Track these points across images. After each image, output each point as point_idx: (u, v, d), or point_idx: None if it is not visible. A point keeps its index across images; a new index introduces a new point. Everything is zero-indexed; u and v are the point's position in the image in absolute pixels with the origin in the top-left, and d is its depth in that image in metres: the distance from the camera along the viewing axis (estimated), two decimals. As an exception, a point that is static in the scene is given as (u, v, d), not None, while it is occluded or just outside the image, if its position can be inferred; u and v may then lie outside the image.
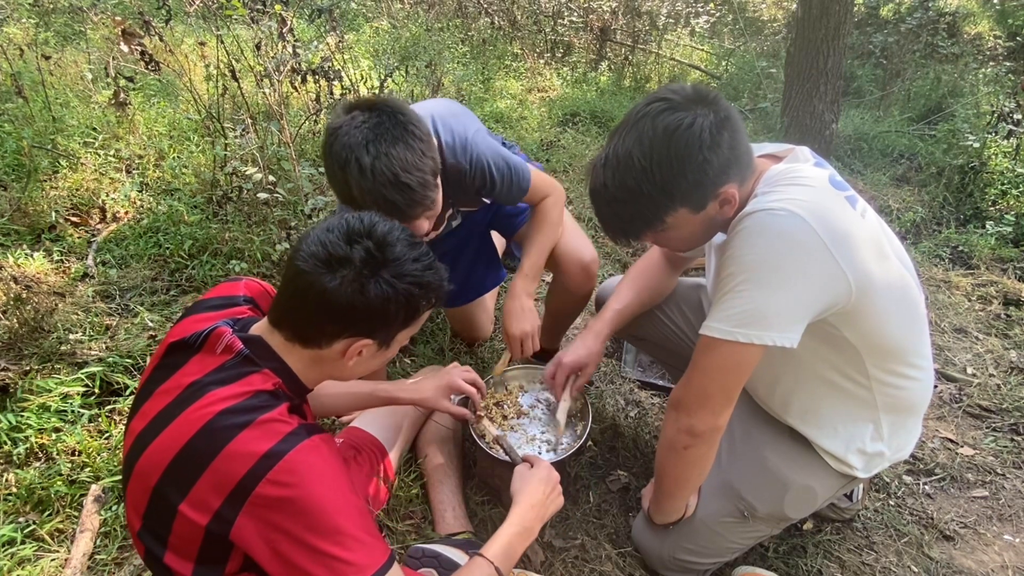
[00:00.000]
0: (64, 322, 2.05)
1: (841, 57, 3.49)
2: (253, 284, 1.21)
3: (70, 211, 2.61)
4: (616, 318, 1.63)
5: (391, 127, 1.32)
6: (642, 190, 1.13)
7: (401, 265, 0.99)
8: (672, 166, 1.10)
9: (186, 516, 0.93)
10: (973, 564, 1.66)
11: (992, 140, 3.51)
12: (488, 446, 1.58)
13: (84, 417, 1.78)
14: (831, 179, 1.18)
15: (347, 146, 1.31)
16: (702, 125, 1.08)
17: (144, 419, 1.00)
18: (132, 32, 2.68)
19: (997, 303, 2.64)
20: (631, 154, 1.12)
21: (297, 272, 0.97)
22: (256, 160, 2.59)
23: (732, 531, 1.44)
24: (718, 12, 5.78)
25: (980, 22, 5.91)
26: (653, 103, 1.13)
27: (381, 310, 0.99)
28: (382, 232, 1.00)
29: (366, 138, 1.30)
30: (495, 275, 2.11)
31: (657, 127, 1.10)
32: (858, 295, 1.12)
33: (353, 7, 5.22)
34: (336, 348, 1.02)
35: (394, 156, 1.30)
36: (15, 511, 1.57)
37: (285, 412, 0.96)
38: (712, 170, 1.11)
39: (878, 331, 1.20)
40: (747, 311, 1.09)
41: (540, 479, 1.28)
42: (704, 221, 1.19)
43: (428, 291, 1.04)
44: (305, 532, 0.89)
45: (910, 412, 1.37)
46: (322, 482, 0.91)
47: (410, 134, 1.34)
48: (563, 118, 4.14)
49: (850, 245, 1.10)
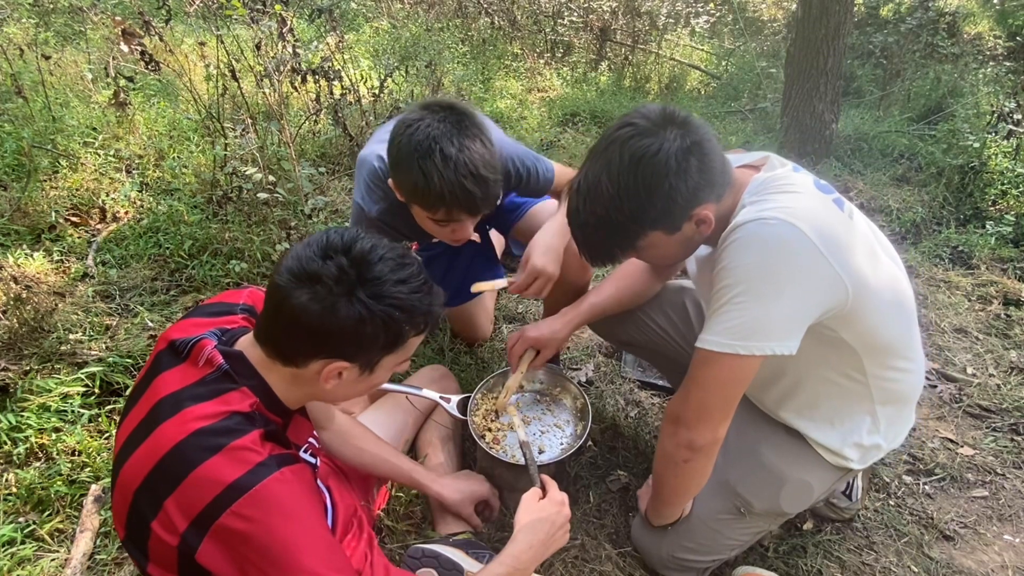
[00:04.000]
0: (64, 322, 2.05)
1: (841, 57, 3.49)
2: (256, 292, 1.19)
3: (70, 211, 2.61)
4: (591, 310, 1.65)
5: (470, 126, 1.39)
6: (612, 218, 1.14)
7: (380, 286, 0.93)
8: (639, 194, 1.10)
9: (158, 535, 0.92)
10: (973, 564, 1.66)
11: (992, 140, 3.51)
12: (488, 446, 1.58)
13: (84, 417, 1.78)
14: (816, 184, 1.19)
15: (431, 136, 1.36)
16: (668, 151, 1.07)
17: (128, 428, 0.99)
18: (132, 32, 2.68)
19: (997, 303, 2.64)
20: (600, 181, 1.12)
21: (273, 286, 0.94)
22: (256, 160, 2.59)
23: (730, 528, 1.44)
24: (718, 12, 5.78)
25: (980, 22, 5.91)
26: (623, 128, 1.12)
27: (354, 332, 0.93)
28: (362, 249, 0.94)
29: (449, 132, 1.36)
30: (494, 274, 2.10)
31: (624, 155, 1.10)
32: (855, 298, 1.12)
33: (353, 7, 5.22)
34: (312, 368, 0.97)
35: (475, 151, 1.37)
36: (15, 511, 1.57)
37: (257, 440, 0.93)
38: (681, 196, 1.10)
39: (874, 331, 1.21)
40: (745, 323, 1.08)
41: (547, 518, 1.22)
42: (681, 241, 1.19)
43: (412, 316, 0.97)
44: (268, 566, 0.88)
45: (905, 402, 1.38)
46: (285, 518, 0.89)
47: (483, 134, 1.41)
48: (563, 118, 4.14)
49: (844, 249, 1.10)
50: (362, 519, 1.27)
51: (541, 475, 1.33)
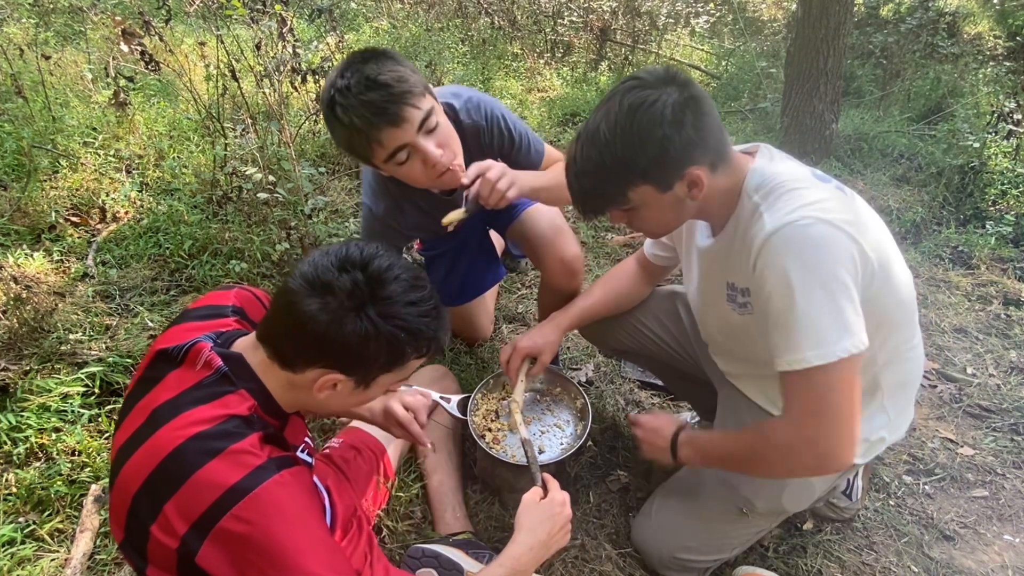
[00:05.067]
0: (64, 322, 2.05)
1: (841, 57, 3.48)
2: (244, 293, 1.19)
3: (70, 211, 2.61)
4: (580, 313, 1.66)
5: (369, 57, 1.34)
6: (605, 163, 1.15)
7: (391, 305, 0.94)
8: (633, 140, 1.11)
9: (157, 538, 0.92)
10: (973, 564, 1.66)
11: (992, 140, 3.51)
12: (488, 446, 1.58)
13: (84, 417, 1.78)
14: (814, 174, 1.20)
15: (328, 84, 1.33)
16: (665, 102, 1.09)
17: (125, 433, 0.99)
18: (132, 32, 2.68)
19: (997, 303, 2.64)
20: (599, 128, 1.14)
21: (285, 290, 0.95)
22: (256, 160, 2.59)
23: (731, 528, 1.44)
24: (718, 12, 5.78)
25: (980, 22, 5.90)
26: (626, 82, 1.15)
27: (357, 348, 0.94)
28: (379, 266, 0.94)
29: (340, 70, 1.33)
30: (494, 273, 2.11)
31: (623, 103, 1.12)
32: (879, 271, 1.13)
33: (353, 7, 5.22)
34: (308, 376, 0.97)
35: (366, 70, 1.31)
36: (15, 511, 1.57)
37: (257, 443, 0.93)
38: (673, 147, 1.11)
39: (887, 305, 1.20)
40: (825, 326, 1.05)
41: (548, 516, 1.21)
42: (673, 202, 1.18)
43: (418, 339, 0.97)
44: (268, 568, 0.88)
45: (910, 387, 1.39)
46: (285, 520, 0.89)
47: (388, 57, 1.34)
48: (563, 118, 4.14)
49: (866, 228, 1.12)
50: (362, 519, 1.27)
51: (543, 474, 1.31)
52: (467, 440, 1.79)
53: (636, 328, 1.72)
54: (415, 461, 1.71)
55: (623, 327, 1.73)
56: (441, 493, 1.62)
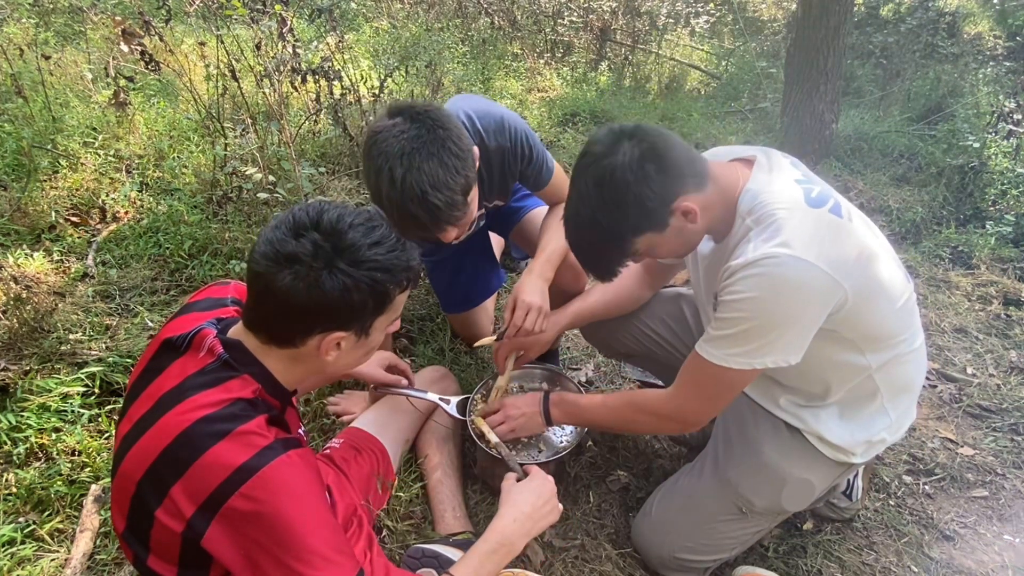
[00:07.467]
0: (64, 322, 2.05)
1: (841, 57, 3.49)
2: (242, 287, 1.20)
3: (70, 211, 2.61)
4: (577, 313, 1.69)
5: (429, 142, 1.30)
6: (598, 237, 1.23)
7: (357, 251, 0.95)
8: (612, 209, 1.18)
9: (162, 522, 0.92)
10: (973, 564, 1.66)
11: (992, 140, 3.51)
12: (488, 446, 1.58)
13: (84, 417, 1.78)
14: (807, 198, 1.20)
15: (384, 154, 1.30)
16: (624, 165, 1.15)
17: (130, 422, 1.00)
18: (132, 32, 2.68)
19: (997, 303, 2.64)
20: (578, 212, 1.23)
21: (254, 274, 0.95)
22: (256, 160, 2.59)
23: (731, 527, 1.44)
24: (718, 12, 5.78)
25: (980, 22, 5.90)
26: (582, 159, 1.21)
27: (344, 301, 0.95)
28: (330, 220, 0.95)
29: (402, 149, 1.29)
30: (497, 277, 2.11)
31: (588, 182, 1.19)
32: (853, 300, 1.17)
33: (353, 7, 5.21)
34: (311, 344, 0.99)
35: (426, 172, 1.29)
36: (15, 511, 1.57)
37: (263, 424, 0.95)
38: (650, 199, 1.16)
39: (868, 323, 1.24)
40: (752, 349, 1.18)
41: (530, 490, 1.24)
42: (676, 233, 1.22)
43: (394, 275, 0.99)
44: (274, 546, 0.89)
45: (912, 389, 1.40)
46: (293, 499, 0.90)
47: (447, 150, 1.32)
48: (563, 118, 4.14)
49: (845, 261, 1.16)
50: (362, 519, 1.27)
51: (524, 466, 1.36)
52: (467, 440, 1.79)
53: (641, 331, 1.72)
54: (415, 461, 1.71)
55: (628, 331, 1.73)
56: (441, 493, 1.62)
